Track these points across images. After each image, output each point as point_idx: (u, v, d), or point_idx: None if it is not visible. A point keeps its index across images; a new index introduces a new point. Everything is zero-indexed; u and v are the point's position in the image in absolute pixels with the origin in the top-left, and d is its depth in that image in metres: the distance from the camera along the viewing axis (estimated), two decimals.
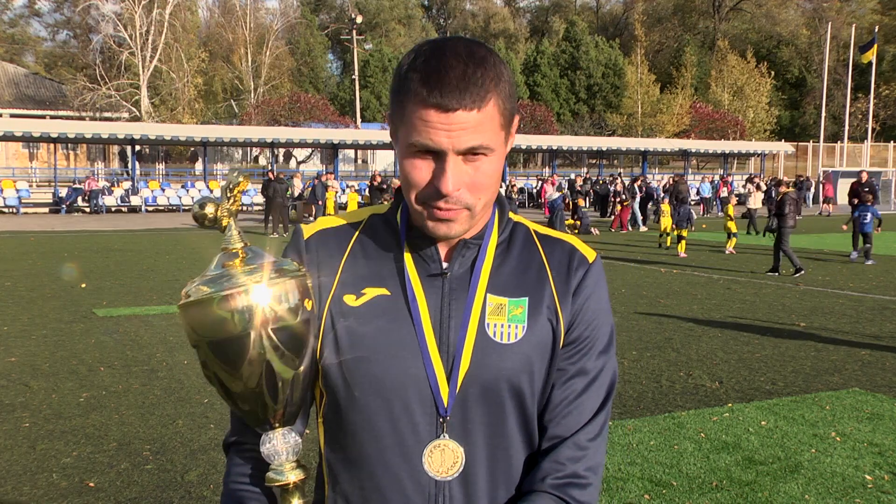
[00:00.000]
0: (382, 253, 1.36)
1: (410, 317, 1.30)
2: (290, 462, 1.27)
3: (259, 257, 1.24)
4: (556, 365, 1.33)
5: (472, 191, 1.25)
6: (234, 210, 1.26)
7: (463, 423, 1.29)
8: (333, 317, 1.32)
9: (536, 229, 1.43)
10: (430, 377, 1.29)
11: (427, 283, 1.33)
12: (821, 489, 4.77)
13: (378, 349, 1.29)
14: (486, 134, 1.23)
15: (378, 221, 1.41)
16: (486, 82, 1.22)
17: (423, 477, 1.29)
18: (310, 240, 1.38)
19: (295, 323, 1.22)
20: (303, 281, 1.26)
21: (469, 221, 1.28)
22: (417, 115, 1.23)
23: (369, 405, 1.29)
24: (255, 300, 1.19)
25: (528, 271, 1.36)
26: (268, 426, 1.28)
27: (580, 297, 1.35)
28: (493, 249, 1.36)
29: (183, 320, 1.24)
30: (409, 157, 1.26)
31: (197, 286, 1.22)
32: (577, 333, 1.35)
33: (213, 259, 1.26)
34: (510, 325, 1.31)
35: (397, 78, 1.28)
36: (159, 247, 19.60)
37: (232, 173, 1.29)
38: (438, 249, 1.34)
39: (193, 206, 1.27)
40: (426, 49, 1.26)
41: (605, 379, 1.36)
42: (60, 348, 8.37)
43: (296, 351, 1.24)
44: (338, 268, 1.35)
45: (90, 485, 4.80)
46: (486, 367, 1.29)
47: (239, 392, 1.24)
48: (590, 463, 1.32)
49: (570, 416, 1.33)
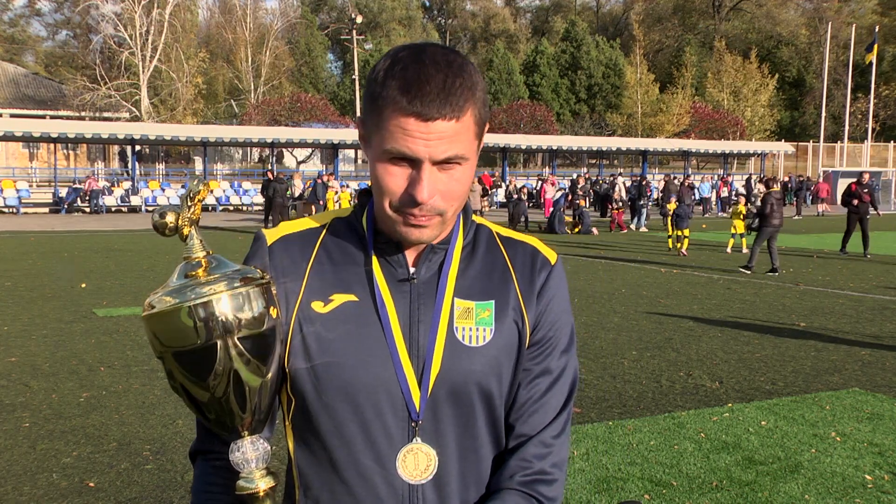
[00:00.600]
0: (349, 258, 1.36)
1: (380, 322, 1.30)
2: (260, 470, 1.26)
3: (222, 266, 1.23)
4: (521, 366, 1.35)
5: (445, 198, 1.26)
6: (195, 218, 1.25)
7: (434, 427, 1.30)
8: (301, 323, 1.31)
9: (499, 231, 1.44)
10: (401, 382, 1.29)
11: (395, 289, 1.33)
12: (821, 489, 4.77)
13: (348, 354, 1.29)
14: (463, 144, 1.24)
15: (341, 225, 1.40)
16: (465, 91, 1.23)
17: (397, 481, 1.29)
18: (273, 246, 1.37)
19: (260, 331, 1.21)
20: (267, 288, 1.24)
21: (440, 227, 1.30)
22: (395, 122, 1.22)
23: (340, 410, 1.29)
24: (219, 309, 1.17)
25: (493, 274, 1.37)
26: (236, 434, 1.27)
27: (544, 299, 1.37)
28: (459, 253, 1.37)
29: (147, 331, 1.22)
30: (383, 163, 1.26)
31: (160, 297, 1.19)
32: (542, 334, 1.37)
33: (175, 269, 1.24)
34: (478, 328, 1.33)
35: (373, 83, 1.26)
36: (159, 247, 19.60)
37: (192, 181, 1.28)
38: (406, 255, 1.34)
39: (153, 215, 1.24)
40: (404, 56, 1.25)
41: (567, 377, 1.39)
42: (61, 348, 8.37)
43: (262, 359, 1.23)
44: (304, 274, 1.34)
45: (90, 485, 4.80)
46: (455, 370, 1.30)
47: (206, 402, 1.23)
48: (555, 459, 1.35)
49: (535, 415, 1.35)
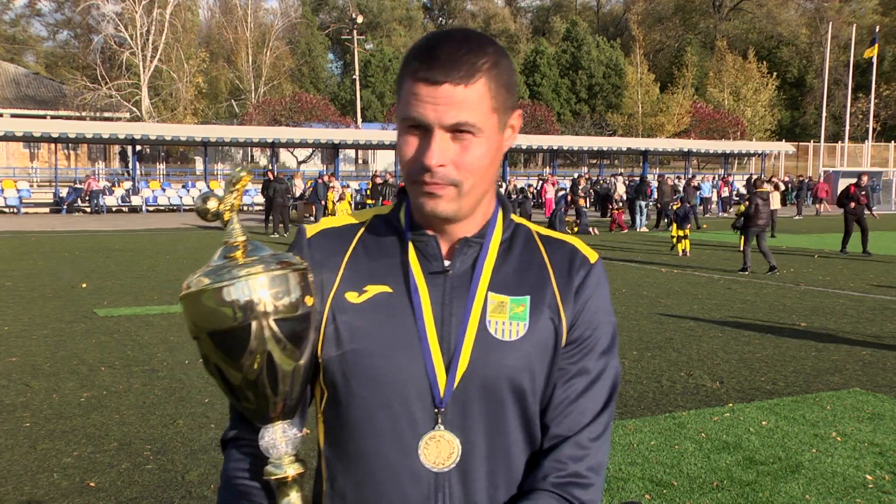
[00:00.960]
0: (385, 251, 1.37)
1: (412, 312, 1.31)
2: (289, 456, 1.27)
3: (260, 250, 1.25)
4: (557, 364, 1.33)
5: (458, 169, 1.26)
6: (237, 205, 1.28)
7: (462, 418, 1.29)
8: (335, 313, 1.32)
9: (538, 230, 1.43)
10: (428, 370, 1.29)
11: (429, 281, 1.33)
12: (821, 489, 4.77)
13: (378, 343, 1.30)
14: (473, 112, 1.24)
15: (380, 222, 1.41)
16: (478, 62, 1.24)
17: (421, 470, 1.28)
18: (312, 238, 1.39)
19: (295, 315, 1.23)
20: (304, 274, 1.26)
21: (457, 201, 1.28)
22: (408, 88, 1.26)
23: (368, 399, 1.30)
24: (255, 291, 1.20)
25: (530, 271, 1.36)
26: (267, 420, 1.28)
27: (582, 298, 1.36)
28: (496, 248, 1.36)
29: (184, 312, 1.25)
30: (401, 133, 1.29)
31: (198, 277, 1.22)
32: (579, 333, 1.35)
33: (215, 252, 1.27)
34: (511, 322, 1.31)
35: (401, 64, 1.31)
36: (160, 247, 19.61)
37: (235, 168, 1.31)
38: (440, 248, 1.35)
39: (196, 201, 1.28)
40: (430, 35, 1.30)
41: (606, 379, 1.36)
42: (61, 348, 8.37)
43: (296, 342, 1.24)
44: (340, 266, 1.36)
45: (91, 485, 4.80)
46: (486, 363, 1.29)
47: (239, 384, 1.25)
48: (591, 462, 1.32)
49: (571, 416, 1.33)
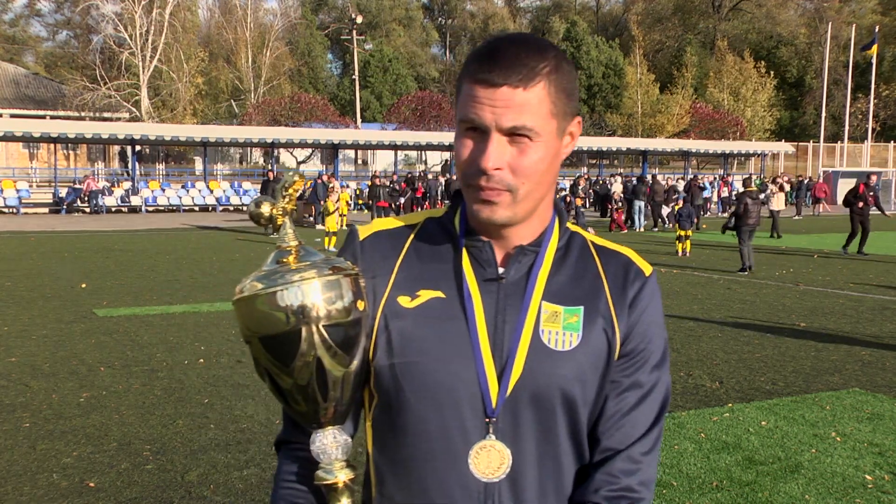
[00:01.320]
0: (438, 256, 1.36)
1: (465, 319, 1.29)
2: (340, 461, 1.27)
3: (313, 255, 1.26)
4: (609, 376, 1.32)
5: (515, 174, 1.24)
6: (290, 209, 1.28)
7: (513, 427, 1.28)
8: (387, 318, 1.31)
9: (593, 240, 1.41)
10: (480, 380, 1.28)
11: (483, 288, 1.32)
12: (821, 489, 4.77)
13: (431, 352, 1.29)
14: (532, 116, 1.23)
15: (434, 225, 1.40)
16: (538, 66, 1.23)
17: (471, 479, 1.27)
18: (365, 241, 1.38)
19: (347, 321, 1.23)
20: (356, 280, 1.26)
21: (512, 208, 1.27)
22: (467, 91, 1.25)
23: (420, 407, 1.29)
24: (307, 296, 1.20)
25: (584, 281, 1.35)
26: (318, 425, 1.28)
27: (636, 310, 1.35)
28: (551, 256, 1.35)
29: (236, 316, 1.25)
30: (459, 137, 1.28)
31: (250, 282, 1.23)
32: (633, 346, 1.34)
33: (268, 256, 1.27)
34: (565, 332, 1.31)
35: (462, 66, 1.30)
36: (159, 247, 19.59)
37: (288, 172, 1.31)
38: (495, 254, 1.34)
39: (249, 205, 1.29)
40: (492, 37, 1.30)
41: (658, 393, 1.35)
42: (60, 348, 8.36)
43: (347, 349, 1.24)
44: (393, 269, 1.35)
45: (90, 485, 4.80)
46: (539, 372, 1.28)
47: (289, 389, 1.25)
48: (643, 477, 1.32)
49: (623, 429, 1.32)
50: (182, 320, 9.97)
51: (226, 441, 5.56)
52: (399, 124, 49.11)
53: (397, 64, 68.53)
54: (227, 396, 6.61)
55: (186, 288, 12.76)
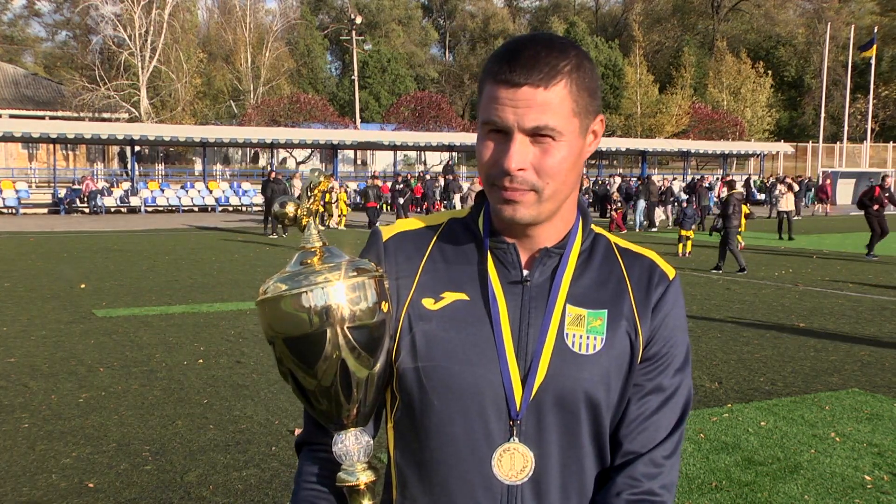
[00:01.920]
0: (462, 258, 1.35)
1: (490, 321, 1.29)
2: (362, 463, 1.27)
3: (337, 256, 1.25)
4: (632, 380, 1.32)
5: (539, 173, 1.24)
6: (315, 209, 1.28)
7: (537, 430, 1.28)
8: (411, 320, 1.31)
9: (617, 242, 1.41)
10: (505, 381, 1.27)
11: (507, 290, 1.31)
12: (820, 490, 4.77)
13: (456, 355, 1.28)
14: (554, 115, 1.22)
15: (457, 225, 1.40)
16: (559, 65, 1.22)
17: (494, 481, 1.27)
18: (388, 242, 1.37)
19: (371, 322, 1.23)
20: (380, 281, 1.26)
21: (536, 207, 1.26)
22: (489, 92, 1.25)
23: (445, 410, 1.28)
24: (331, 298, 1.20)
25: (608, 284, 1.35)
26: (340, 426, 1.28)
27: (660, 314, 1.34)
28: (575, 259, 1.35)
29: (260, 316, 1.25)
30: (481, 138, 1.27)
31: (274, 283, 1.23)
32: (656, 350, 1.34)
33: (292, 257, 1.27)
34: (589, 336, 1.30)
35: (484, 65, 1.29)
36: (158, 247, 19.58)
37: (313, 173, 1.30)
38: (520, 257, 1.33)
39: (275, 206, 1.28)
40: (513, 38, 1.29)
41: (680, 397, 1.35)
42: (60, 349, 8.36)
43: (371, 351, 1.24)
44: (417, 270, 1.35)
45: (90, 485, 4.79)
46: (563, 376, 1.28)
47: (313, 390, 1.25)
48: (665, 481, 1.31)
49: (645, 433, 1.32)
50: (181, 321, 9.96)
51: (225, 442, 5.56)
52: (398, 125, 49.11)
53: (396, 64, 68.54)
54: (226, 397, 6.61)
55: (186, 288, 12.76)
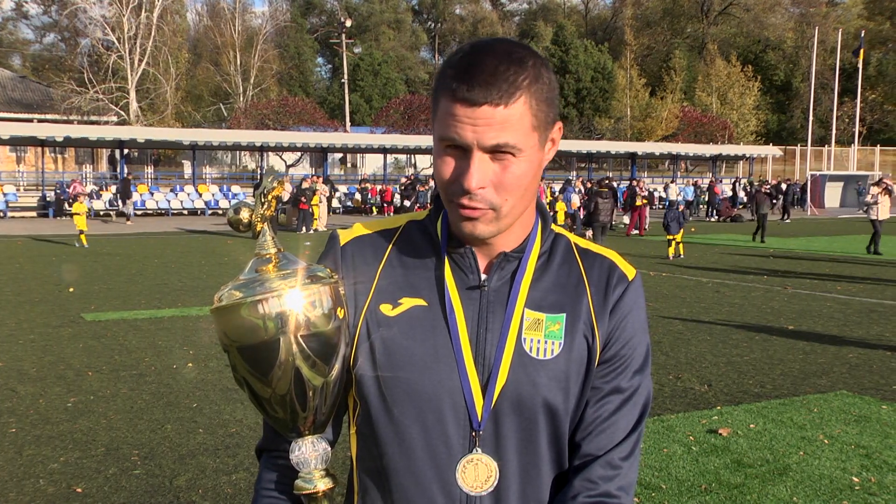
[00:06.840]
0: (420, 262, 1.34)
1: (447, 328, 1.28)
2: (319, 470, 1.26)
3: (292, 263, 1.24)
4: (590, 383, 1.30)
5: (497, 190, 1.22)
6: (269, 215, 1.26)
7: (495, 438, 1.27)
8: (369, 326, 1.30)
9: (577, 243, 1.39)
10: (464, 390, 1.26)
11: (465, 295, 1.30)
12: (809, 491, 4.79)
13: (414, 361, 1.27)
14: (514, 133, 1.20)
15: (415, 229, 1.38)
16: (518, 80, 1.19)
17: (456, 491, 1.26)
18: (346, 246, 1.36)
19: (326, 330, 1.21)
20: (335, 288, 1.24)
21: (496, 223, 1.25)
22: (446, 109, 1.21)
23: (403, 417, 1.27)
24: (286, 306, 1.18)
25: (567, 286, 1.33)
26: (297, 434, 1.27)
27: (617, 315, 1.32)
28: (534, 262, 1.33)
29: (215, 324, 1.24)
30: (439, 153, 1.25)
31: (229, 290, 1.21)
32: (614, 351, 1.32)
33: (247, 264, 1.26)
34: (547, 341, 1.29)
35: (437, 75, 1.26)
36: (148, 251, 19.51)
37: (267, 177, 1.28)
38: (478, 261, 1.32)
39: (228, 211, 1.27)
40: (467, 47, 1.25)
41: (639, 398, 1.33)
42: (48, 353, 8.32)
43: (325, 358, 1.22)
44: (375, 276, 1.33)
45: (78, 490, 4.77)
46: (521, 382, 1.27)
47: (268, 398, 1.24)
48: (622, 482, 1.30)
49: (602, 435, 1.30)
50: (171, 324, 9.93)
51: (214, 446, 5.54)
52: (388, 128, 49.09)
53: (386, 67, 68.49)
54: (215, 401, 6.59)
55: (175, 292, 12.71)
